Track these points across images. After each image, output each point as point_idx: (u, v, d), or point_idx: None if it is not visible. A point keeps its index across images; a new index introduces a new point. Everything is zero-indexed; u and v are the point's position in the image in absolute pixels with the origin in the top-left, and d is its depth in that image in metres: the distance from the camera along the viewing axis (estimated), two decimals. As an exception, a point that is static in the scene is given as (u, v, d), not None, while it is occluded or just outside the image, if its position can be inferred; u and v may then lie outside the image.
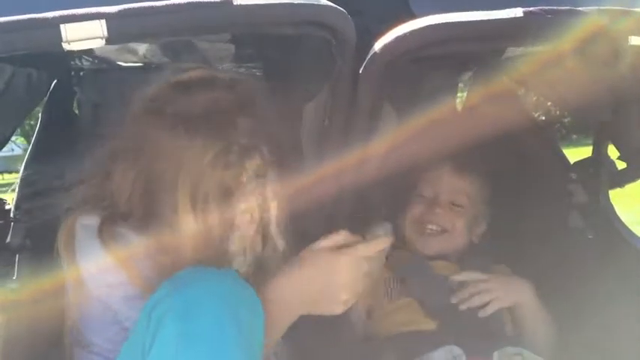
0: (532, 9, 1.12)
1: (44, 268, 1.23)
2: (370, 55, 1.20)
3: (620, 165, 1.65)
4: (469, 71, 1.83)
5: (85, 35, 0.93)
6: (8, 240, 1.60)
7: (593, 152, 1.70)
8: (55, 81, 1.86)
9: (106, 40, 0.94)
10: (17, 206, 1.66)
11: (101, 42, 0.94)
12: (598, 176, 1.67)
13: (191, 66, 1.23)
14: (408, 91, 1.54)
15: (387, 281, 1.63)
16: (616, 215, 1.69)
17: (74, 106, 1.90)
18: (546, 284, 1.62)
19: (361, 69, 1.21)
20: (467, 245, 1.71)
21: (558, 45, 1.12)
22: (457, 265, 1.64)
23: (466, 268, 1.62)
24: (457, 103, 1.96)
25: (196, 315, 0.96)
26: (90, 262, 1.15)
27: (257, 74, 1.66)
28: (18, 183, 1.74)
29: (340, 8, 1.09)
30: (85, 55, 1.74)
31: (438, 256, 1.65)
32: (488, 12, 1.13)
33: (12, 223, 1.62)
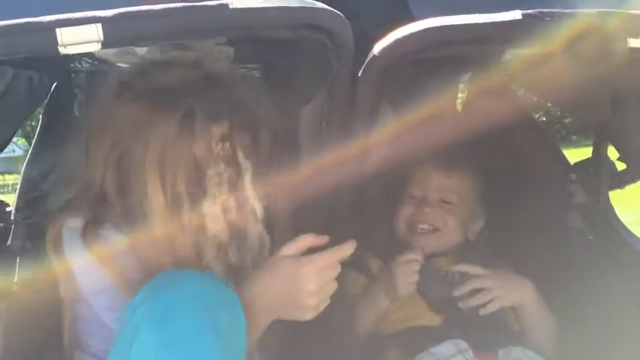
0: (531, 11, 1.11)
1: (45, 270, 1.23)
2: (369, 58, 1.20)
3: (620, 166, 1.65)
4: (468, 72, 1.83)
5: (81, 39, 0.93)
6: (9, 242, 1.60)
7: (593, 153, 1.70)
8: (56, 83, 1.86)
9: (102, 44, 0.94)
10: (18, 208, 1.67)
11: (97, 46, 0.94)
12: (598, 177, 1.67)
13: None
14: (407, 93, 1.54)
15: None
16: (616, 216, 1.68)
17: (75, 108, 1.90)
18: (546, 285, 1.62)
19: (360, 71, 1.21)
20: (463, 242, 1.72)
21: (555, 46, 1.12)
22: (456, 262, 1.65)
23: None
24: (457, 104, 1.95)
25: (174, 320, 0.96)
26: (78, 266, 1.16)
27: (256, 75, 1.66)
28: (19, 184, 1.75)
29: (337, 11, 1.09)
30: (86, 57, 1.74)
31: (435, 255, 1.66)
32: (487, 15, 1.13)
33: (13, 225, 1.63)
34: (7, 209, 1.65)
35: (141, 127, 1.13)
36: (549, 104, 1.82)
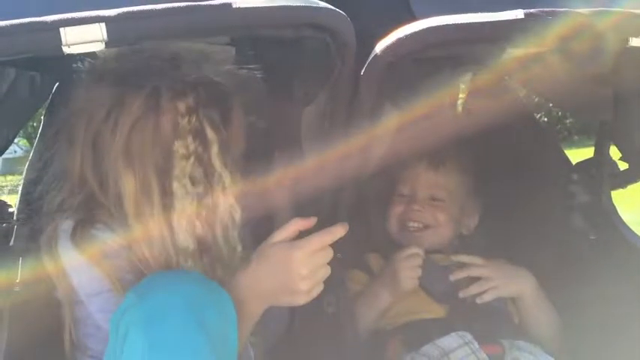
0: (533, 10, 1.12)
1: (47, 270, 1.23)
2: (372, 57, 1.20)
3: (622, 166, 1.65)
4: (469, 72, 1.83)
5: (85, 38, 0.93)
6: (11, 243, 1.60)
7: (595, 153, 1.70)
8: (58, 83, 1.86)
9: (106, 44, 0.94)
10: (20, 208, 1.67)
11: (101, 45, 0.94)
12: (600, 177, 1.68)
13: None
14: (409, 92, 1.54)
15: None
16: (618, 216, 1.69)
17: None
18: (548, 284, 1.63)
19: (362, 70, 1.21)
20: (457, 238, 1.74)
21: (554, 44, 1.12)
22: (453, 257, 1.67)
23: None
24: (458, 105, 1.95)
25: (162, 322, 0.96)
26: (72, 268, 1.16)
27: (258, 76, 1.66)
28: (21, 185, 1.75)
29: (339, 11, 1.09)
30: (88, 58, 1.74)
31: (430, 251, 1.66)
32: (489, 14, 1.13)
33: (15, 226, 1.63)
34: (10, 210, 1.65)
35: (110, 109, 1.16)
36: (551, 105, 1.82)
